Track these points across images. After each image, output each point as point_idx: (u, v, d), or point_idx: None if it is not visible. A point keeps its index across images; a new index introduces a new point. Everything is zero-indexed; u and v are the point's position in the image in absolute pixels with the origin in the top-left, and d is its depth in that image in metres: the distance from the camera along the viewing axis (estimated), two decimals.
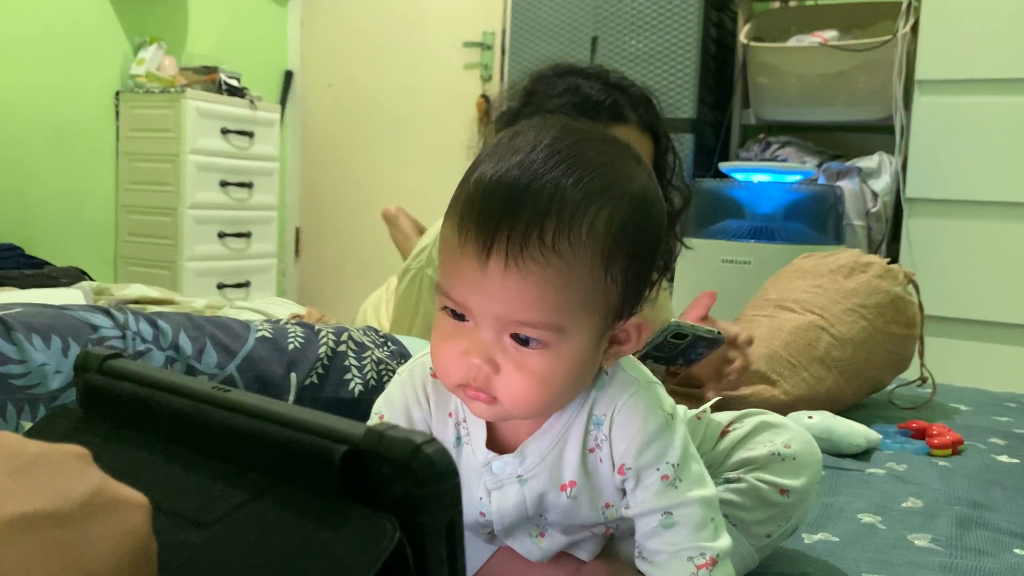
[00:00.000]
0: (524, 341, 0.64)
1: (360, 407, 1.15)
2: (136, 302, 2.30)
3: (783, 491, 0.82)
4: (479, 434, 0.73)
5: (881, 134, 2.82)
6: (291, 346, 1.15)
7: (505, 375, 0.64)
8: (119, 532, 0.34)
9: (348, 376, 1.16)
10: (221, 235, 3.34)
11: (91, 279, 2.85)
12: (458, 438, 0.74)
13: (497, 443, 0.73)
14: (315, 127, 4.18)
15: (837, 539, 0.97)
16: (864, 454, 1.31)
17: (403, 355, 1.25)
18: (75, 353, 0.97)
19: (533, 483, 0.71)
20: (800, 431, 0.86)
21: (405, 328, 1.50)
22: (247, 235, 3.45)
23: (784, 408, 1.41)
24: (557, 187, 0.62)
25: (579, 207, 0.62)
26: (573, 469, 0.71)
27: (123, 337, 1.03)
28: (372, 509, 0.37)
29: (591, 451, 0.70)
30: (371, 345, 1.22)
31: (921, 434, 1.41)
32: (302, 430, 0.40)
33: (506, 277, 0.61)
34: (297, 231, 4.22)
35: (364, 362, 1.18)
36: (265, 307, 1.62)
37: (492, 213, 0.62)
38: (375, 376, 1.18)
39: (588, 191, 0.63)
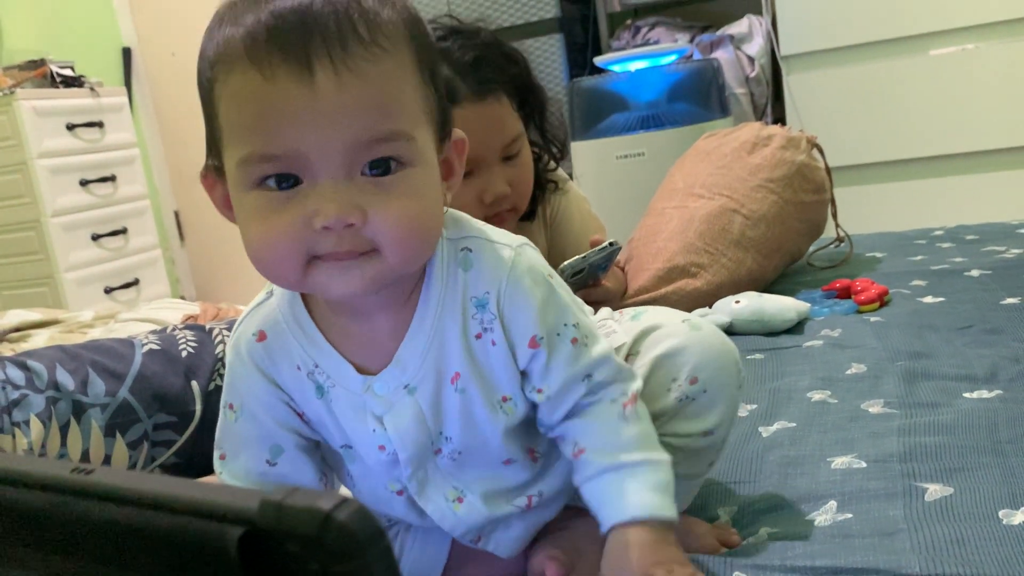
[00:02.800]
0: (382, 169, 0.55)
1: None
2: (17, 330, 2.13)
3: (705, 433, 0.72)
4: (342, 367, 0.64)
5: None
6: (184, 353, 1.05)
7: (379, 214, 0.55)
8: None
9: None
10: (95, 237, 3.13)
11: None
12: (319, 387, 0.65)
13: (365, 368, 0.64)
14: (168, 102, 3.92)
15: (794, 424, 0.95)
16: (797, 326, 1.29)
17: None
18: None
19: (423, 388, 0.64)
20: (700, 340, 0.72)
21: None
22: (123, 231, 3.23)
23: (709, 297, 1.38)
24: None
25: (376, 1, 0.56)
26: (458, 359, 0.64)
27: None
28: None
29: (478, 337, 0.63)
30: None
31: (846, 292, 1.40)
32: (186, 513, 0.32)
33: (342, 87, 0.53)
34: (176, 215, 3.99)
35: None
36: (153, 314, 1.50)
37: (290, 25, 0.53)
38: None
39: None
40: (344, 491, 0.73)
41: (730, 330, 1.29)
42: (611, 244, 1.21)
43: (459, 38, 1.14)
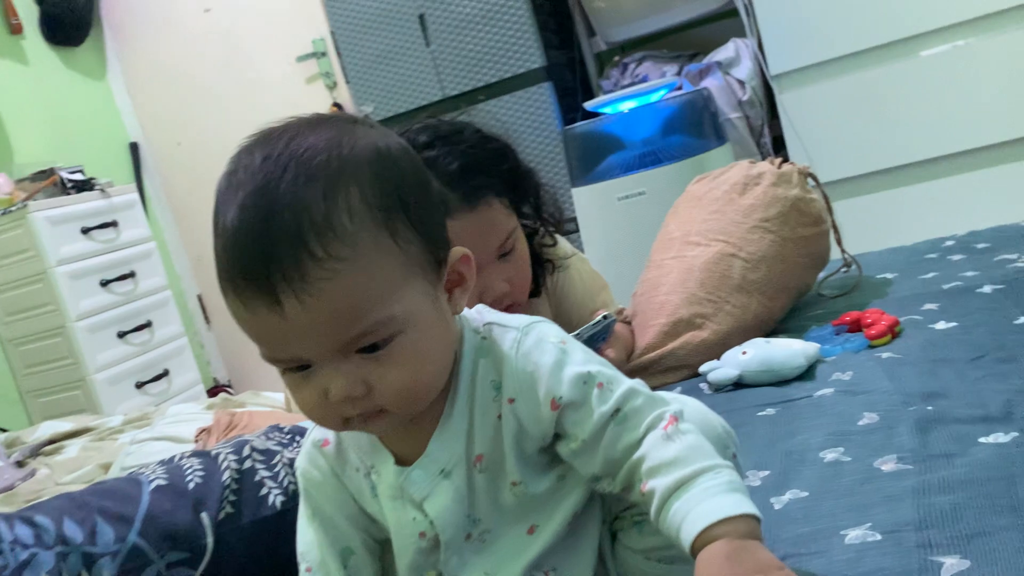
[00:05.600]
0: (372, 348, 0.62)
1: (287, 517, 1.06)
2: (51, 442, 2.17)
3: None
4: (387, 462, 0.71)
5: (728, 19, 2.77)
6: (191, 484, 1.05)
7: (378, 387, 0.63)
8: None
9: (264, 492, 1.07)
10: (121, 334, 3.18)
11: (1, 430, 2.68)
12: (372, 487, 0.72)
13: (406, 458, 0.70)
14: (179, 190, 3.99)
15: (807, 493, 0.92)
16: (808, 371, 1.27)
17: None
18: None
19: (456, 473, 0.69)
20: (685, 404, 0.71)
21: None
22: (147, 325, 3.28)
23: (717, 347, 1.36)
24: (295, 198, 0.59)
25: (327, 204, 0.60)
26: (483, 442, 0.69)
27: (0, 552, 0.92)
28: None
29: (499, 418, 0.69)
30: (278, 448, 1.12)
31: (857, 325, 1.37)
32: None
33: (308, 310, 0.59)
34: (200, 299, 4.04)
35: (276, 469, 1.10)
36: (170, 429, 1.52)
37: (254, 265, 0.60)
38: (293, 480, 1.09)
39: (326, 183, 0.60)
40: None
41: (740, 382, 1.28)
42: (605, 318, 1.20)
43: (443, 144, 1.11)
